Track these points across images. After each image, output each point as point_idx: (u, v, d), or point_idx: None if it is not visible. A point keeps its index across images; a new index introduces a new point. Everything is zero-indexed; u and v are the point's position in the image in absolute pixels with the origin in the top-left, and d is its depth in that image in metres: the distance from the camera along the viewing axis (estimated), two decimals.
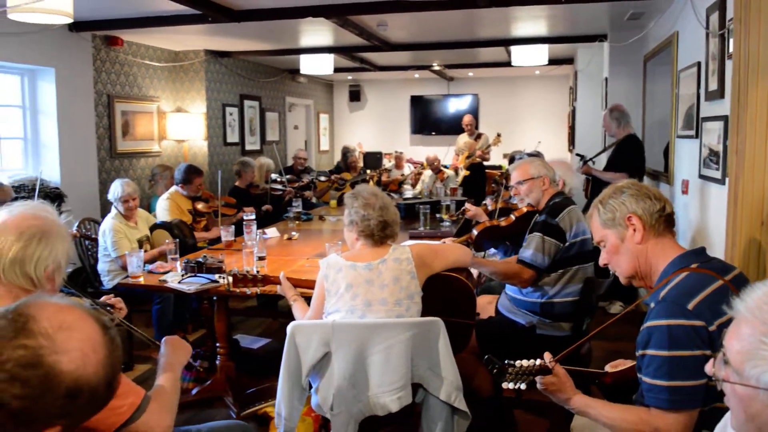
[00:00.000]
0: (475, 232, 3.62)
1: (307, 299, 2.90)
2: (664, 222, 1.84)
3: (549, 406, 3.63)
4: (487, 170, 9.05)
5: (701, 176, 4.01)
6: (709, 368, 1.13)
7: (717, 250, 3.13)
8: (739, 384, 1.02)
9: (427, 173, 8.36)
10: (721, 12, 3.59)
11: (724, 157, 3.49)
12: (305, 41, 7.37)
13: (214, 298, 3.74)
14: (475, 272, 3.66)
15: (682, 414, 1.62)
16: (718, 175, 3.62)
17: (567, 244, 3.15)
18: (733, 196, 2.46)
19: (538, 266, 3.12)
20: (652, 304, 1.72)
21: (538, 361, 1.84)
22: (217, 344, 3.82)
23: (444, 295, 2.77)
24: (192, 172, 5.39)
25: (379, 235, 2.64)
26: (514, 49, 7.56)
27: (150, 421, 1.70)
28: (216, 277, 3.45)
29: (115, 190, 4.56)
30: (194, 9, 5.08)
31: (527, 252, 3.15)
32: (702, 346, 1.60)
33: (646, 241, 1.83)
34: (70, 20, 3.70)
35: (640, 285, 1.90)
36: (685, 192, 4.47)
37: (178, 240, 4.04)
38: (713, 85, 3.77)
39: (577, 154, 5.78)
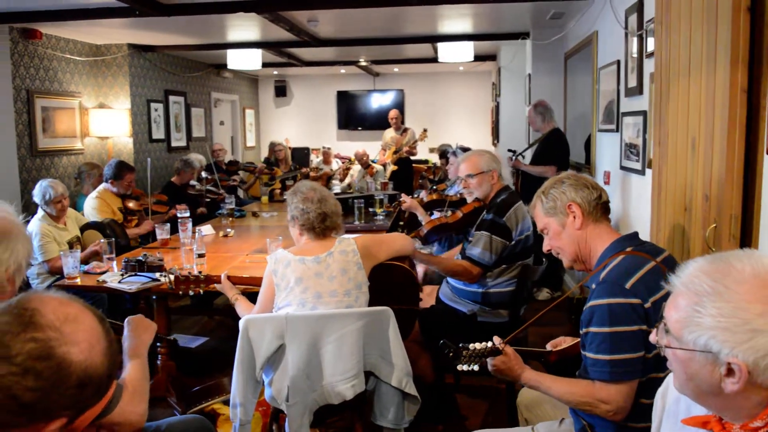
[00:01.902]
0: (424, 229, 3.70)
1: (250, 296, 2.92)
2: (601, 209, 1.99)
3: (486, 390, 3.83)
4: (414, 165, 9.22)
5: (622, 167, 4.26)
6: (653, 337, 1.26)
7: (641, 235, 3.36)
8: (679, 349, 1.16)
9: (356, 168, 8.44)
10: (639, 13, 3.83)
11: (644, 149, 3.73)
12: (233, 36, 7.28)
13: (153, 297, 3.70)
14: (420, 269, 3.77)
15: (623, 385, 1.77)
16: (638, 166, 3.87)
17: (513, 242, 3.27)
18: (657, 184, 2.66)
19: (485, 264, 3.25)
20: (593, 286, 1.86)
21: (489, 344, 1.96)
22: (158, 344, 3.77)
23: (388, 282, 2.86)
24: (123, 168, 5.26)
25: (320, 227, 2.70)
26: (440, 45, 7.74)
27: (125, 411, 1.69)
28: (157, 275, 3.41)
29: (45, 192, 4.36)
30: (121, 2, 4.95)
31: (475, 250, 3.26)
32: (639, 321, 1.75)
33: (585, 226, 1.98)
34: None
35: (580, 268, 2.04)
36: (606, 182, 4.74)
37: (113, 239, 3.95)
38: (632, 82, 4.02)
39: (508, 150, 5.99)
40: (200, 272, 3.23)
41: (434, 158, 10.74)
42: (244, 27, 6.67)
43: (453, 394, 3.74)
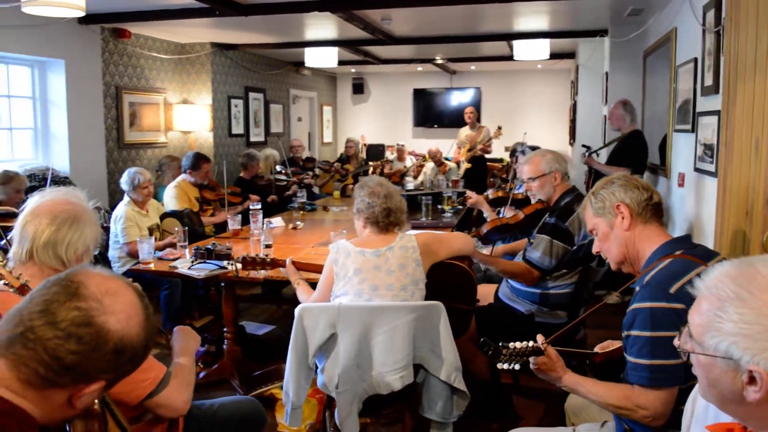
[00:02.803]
0: (484, 229, 3.70)
1: (313, 284, 3.02)
2: (651, 210, 1.95)
3: (545, 391, 3.78)
4: (488, 163, 9.14)
5: (696, 169, 4.11)
6: (676, 341, 1.24)
7: (709, 239, 3.24)
8: (701, 354, 1.14)
9: (429, 165, 8.47)
10: (716, 9, 3.68)
11: (718, 150, 3.59)
12: (310, 34, 7.46)
13: (222, 284, 3.87)
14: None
15: (663, 391, 1.74)
16: (712, 168, 3.72)
17: (575, 247, 3.21)
18: (722, 187, 2.57)
19: (545, 268, 3.21)
20: (638, 288, 1.83)
21: (531, 343, 1.95)
22: (225, 329, 3.94)
23: (447, 281, 2.89)
24: (200, 159, 5.53)
25: (384, 221, 2.76)
26: (516, 43, 7.65)
27: (171, 395, 1.83)
28: (224, 263, 3.57)
29: (134, 177, 4.67)
30: (201, 2, 5.18)
31: (535, 254, 3.22)
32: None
33: (634, 227, 1.94)
34: (83, 13, 3.80)
35: (629, 271, 2.01)
36: (681, 185, 4.58)
37: (186, 228, 4.15)
38: (708, 81, 3.87)
39: (583, 145, 5.86)
40: (267, 255, 3.37)
41: (508, 157, 10.62)
42: (320, 26, 6.83)
43: (510, 394, 3.72)
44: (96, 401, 1.35)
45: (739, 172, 2.36)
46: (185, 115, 7.64)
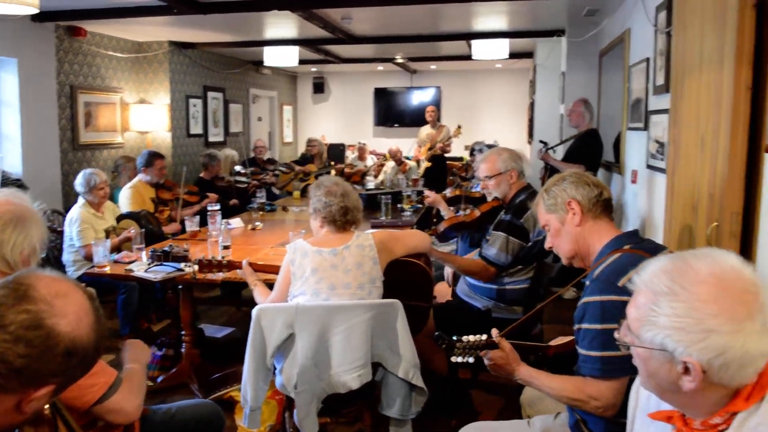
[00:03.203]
0: (441, 227, 3.73)
1: (270, 285, 3.01)
2: (601, 206, 1.99)
3: (502, 386, 3.83)
4: (448, 162, 9.21)
5: (649, 166, 4.21)
6: (617, 334, 1.27)
7: (660, 234, 3.33)
8: (639, 347, 1.17)
9: (390, 165, 8.49)
10: (668, 10, 3.77)
11: (667, 149, 3.69)
12: (270, 33, 7.41)
13: (180, 286, 3.82)
14: (448, 270, 3.79)
15: (614, 381, 1.78)
16: (663, 165, 3.82)
17: (530, 243, 3.27)
18: (671, 183, 2.64)
19: (501, 264, 3.26)
20: (588, 282, 1.87)
21: (485, 336, 1.98)
22: (182, 332, 3.89)
23: (404, 279, 2.90)
24: (153, 156, 5.46)
25: (341, 220, 2.76)
26: (475, 42, 7.71)
27: (121, 401, 1.80)
28: (182, 265, 3.53)
29: (90, 178, 4.57)
30: (160, 0, 5.10)
31: (491, 251, 3.27)
32: None
33: (584, 223, 1.98)
34: (36, 10, 3.70)
35: (579, 265, 2.05)
36: (634, 182, 4.68)
37: (143, 230, 4.09)
38: (660, 80, 3.97)
39: (540, 141, 5.95)
40: (223, 257, 3.34)
41: (468, 155, 10.71)
42: (280, 24, 6.79)
43: (468, 389, 3.76)
44: (46, 406, 1.32)
45: (686, 169, 2.43)
46: (142, 115, 7.52)
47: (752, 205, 2.01)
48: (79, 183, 4.63)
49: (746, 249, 2.04)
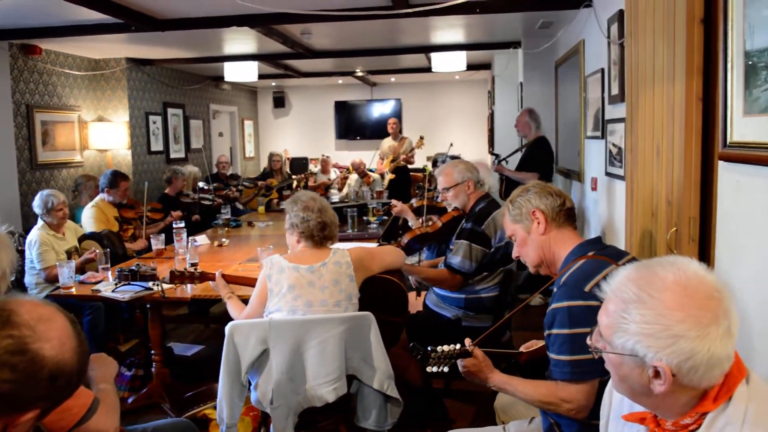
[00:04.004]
0: (405, 239, 3.79)
1: (244, 299, 3.01)
2: (565, 215, 2.07)
3: (475, 394, 3.89)
4: (411, 173, 9.29)
5: (608, 174, 4.34)
6: (589, 340, 1.33)
7: (620, 239, 3.44)
8: (611, 353, 1.23)
9: (353, 177, 8.54)
10: (619, 23, 3.91)
11: (624, 157, 3.81)
12: (229, 49, 7.40)
13: (148, 306, 3.79)
14: (413, 280, 3.85)
15: (584, 384, 1.84)
16: (621, 172, 3.95)
17: (492, 249, 3.36)
18: (629, 190, 2.74)
19: (465, 272, 3.33)
20: (555, 289, 1.94)
21: (458, 346, 2.03)
22: (152, 351, 3.86)
23: (378, 295, 2.94)
24: (118, 176, 5.39)
25: (319, 235, 2.79)
26: (434, 55, 7.83)
27: (100, 422, 1.80)
28: (150, 284, 3.50)
29: (47, 200, 4.48)
30: (116, 18, 5.06)
31: (455, 259, 3.35)
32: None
33: (549, 232, 2.06)
34: None
35: (546, 273, 2.12)
36: (594, 189, 4.81)
37: (108, 250, 4.04)
38: (615, 90, 4.10)
39: (492, 153, 6.08)
40: (195, 269, 3.33)
41: (431, 166, 10.82)
42: (240, 40, 6.79)
43: (442, 398, 3.81)
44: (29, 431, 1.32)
45: (644, 176, 2.53)
46: (101, 133, 7.41)
47: (708, 209, 2.11)
48: (36, 205, 4.54)
49: (704, 252, 2.14)
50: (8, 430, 1.18)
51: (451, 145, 7.32)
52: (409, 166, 8.95)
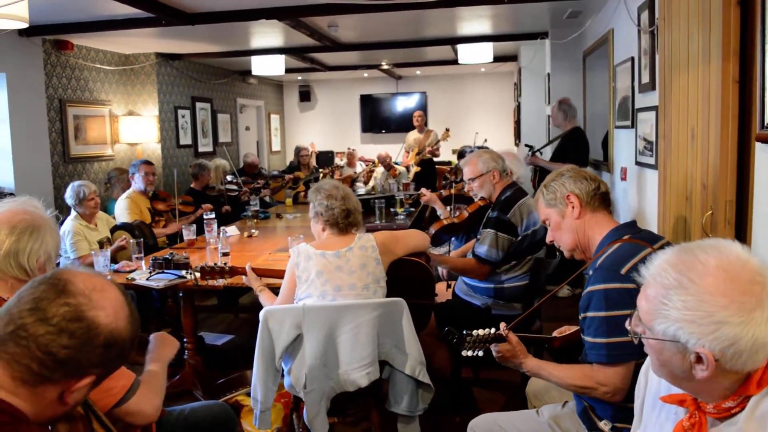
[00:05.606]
0: (432, 230, 3.81)
1: (274, 290, 3.05)
2: (599, 199, 2.06)
3: (503, 382, 3.89)
4: (437, 166, 9.30)
5: (638, 163, 4.30)
6: (628, 325, 1.31)
7: (652, 226, 3.41)
8: (651, 338, 1.22)
9: (379, 170, 8.55)
10: (650, 10, 3.88)
11: (657, 144, 3.78)
12: (256, 42, 7.46)
13: (180, 294, 3.85)
14: (442, 271, 3.87)
15: (621, 367, 1.84)
16: (652, 161, 3.91)
17: (519, 237, 3.36)
18: (663, 177, 2.72)
19: (492, 261, 3.34)
20: (591, 272, 1.94)
21: (493, 330, 2.04)
22: (185, 340, 3.92)
23: (406, 277, 2.96)
24: (141, 162, 5.54)
25: (344, 222, 2.81)
26: (460, 47, 7.81)
27: (140, 403, 1.84)
28: (183, 272, 3.56)
29: (78, 190, 4.58)
30: (147, 12, 5.14)
31: (482, 248, 3.35)
32: (634, 306, 1.81)
33: (583, 216, 2.06)
34: (26, 25, 3.72)
35: (580, 257, 2.12)
36: (623, 179, 4.77)
37: (142, 240, 4.11)
38: (645, 78, 4.07)
39: (526, 145, 6.06)
40: (225, 263, 3.37)
41: (456, 159, 10.80)
42: (267, 33, 6.83)
43: (471, 387, 3.82)
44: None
45: (678, 162, 2.51)
46: (132, 127, 7.53)
47: (745, 192, 2.09)
48: (68, 196, 4.64)
49: (741, 235, 2.12)
50: (65, 396, 1.22)
51: (477, 133, 7.30)
52: (435, 159, 8.94)
